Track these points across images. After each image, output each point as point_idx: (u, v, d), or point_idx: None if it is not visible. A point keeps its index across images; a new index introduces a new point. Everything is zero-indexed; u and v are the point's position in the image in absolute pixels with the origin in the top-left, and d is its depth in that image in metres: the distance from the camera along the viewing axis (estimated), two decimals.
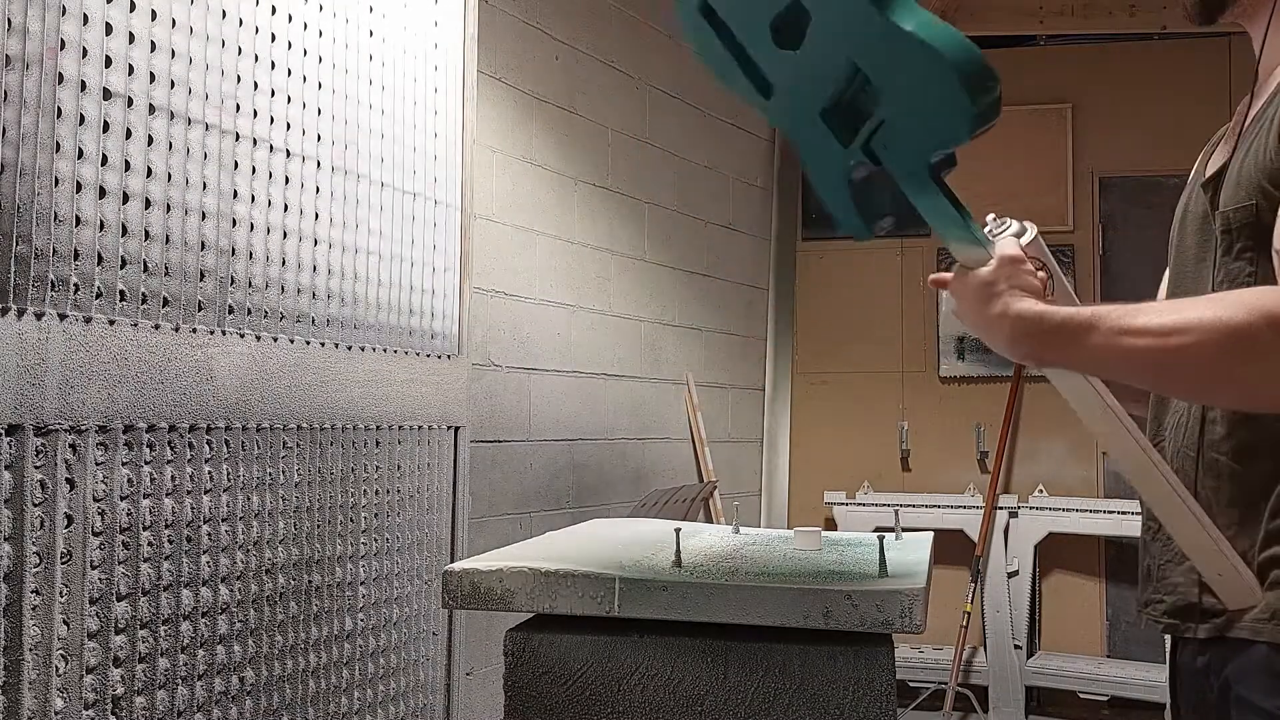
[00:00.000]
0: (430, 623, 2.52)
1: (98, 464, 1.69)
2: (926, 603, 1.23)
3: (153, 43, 1.81)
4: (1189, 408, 1.25)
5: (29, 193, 1.59)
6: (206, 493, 1.89)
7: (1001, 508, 4.56)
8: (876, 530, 1.89)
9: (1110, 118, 4.74)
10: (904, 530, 1.64)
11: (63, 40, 1.65)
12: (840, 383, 4.99)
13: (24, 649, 1.57)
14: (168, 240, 1.83)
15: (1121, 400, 1.24)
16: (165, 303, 1.83)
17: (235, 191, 1.98)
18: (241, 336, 1.97)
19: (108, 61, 1.73)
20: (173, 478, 1.82)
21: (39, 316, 1.60)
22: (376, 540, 2.33)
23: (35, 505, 1.59)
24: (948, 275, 1.20)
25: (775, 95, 1.11)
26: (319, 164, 2.19)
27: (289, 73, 2.12)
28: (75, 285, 1.66)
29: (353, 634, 2.26)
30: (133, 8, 1.77)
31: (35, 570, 1.59)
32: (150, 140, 1.80)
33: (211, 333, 1.91)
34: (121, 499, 1.73)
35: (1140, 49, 4.78)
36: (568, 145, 3.59)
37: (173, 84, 1.85)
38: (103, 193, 1.72)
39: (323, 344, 2.17)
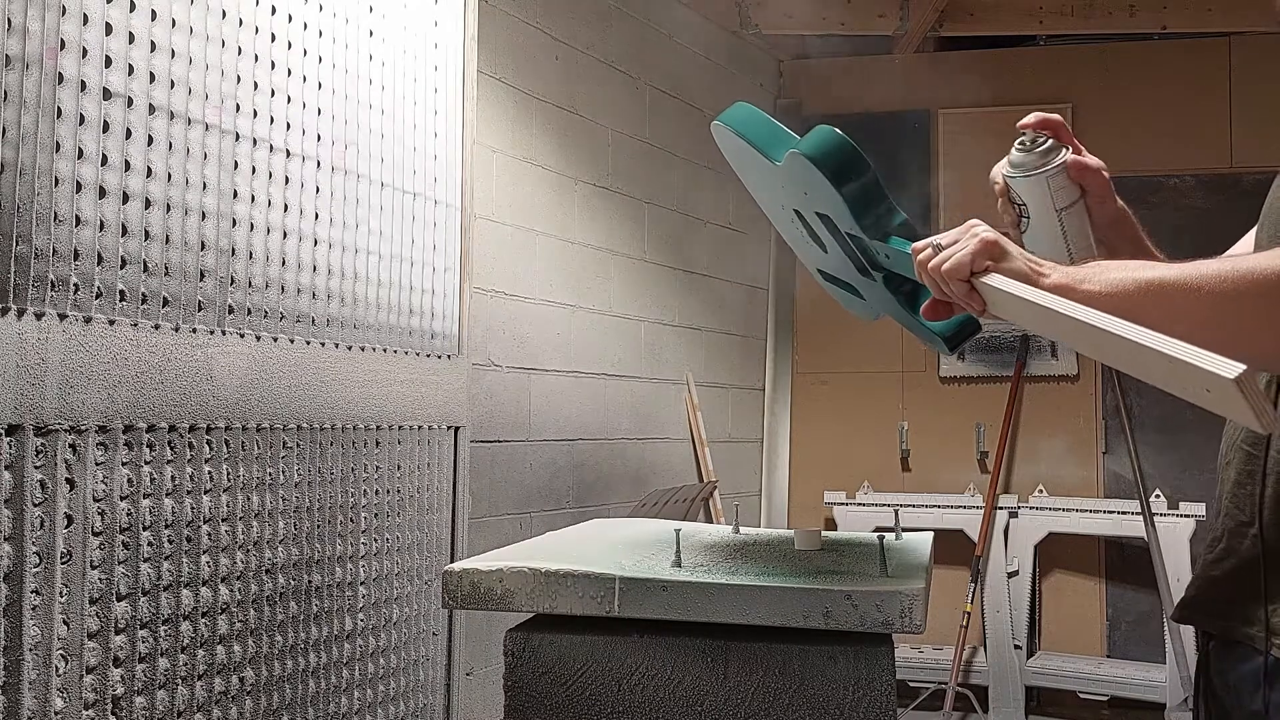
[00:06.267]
0: (430, 623, 2.52)
1: (98, 464, 1.69)
2: (926, 603, 1.23)
3: (153, 43, 1.81)
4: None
5: (29, 193, 1.59)
6: (206, 493, 1.89)
7: (1001, 508, 4.56)
8: (876, 530, 1.89)
9: (1110, 118, 4.74)
10: (904, 530, 1.64)
11: (63, 40, 1.65)
12: (840, 383, 4.99)
13: (24, 649, 1.57)
14: (168, 240, 1.83)
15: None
16: (165, 303, 1.83)
17: (235, 191, 1.98)
18: (241, 336, 1.97)
19: (108, 61, 1.73)
20: (173, 478, 1.82)
21: (39, 316, 1.60)
22: (376, 540, 2.33)
23: (35, 505, 1.59)
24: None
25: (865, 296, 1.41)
26: (319, 164, 2.19)
27: (289, 73, 2.12)
28: (75, 285, 1.66)
29: (353, 634, 2.26)
30: (133, 8, 1.77)
31: (35, 570, 1.59)
32: (150, 140, 1.80)
33: (211, 333, 1.91)
34: (121, 499, 1.73)
35: (1140, 49, 4.78)
36: (568, 145, 3.59)
37: (173, 84, 1.85)
38: (103, 193, 1.72)
39: (323, 344, 2.17)
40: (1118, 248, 1.28)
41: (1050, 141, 1.23)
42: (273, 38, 2.08)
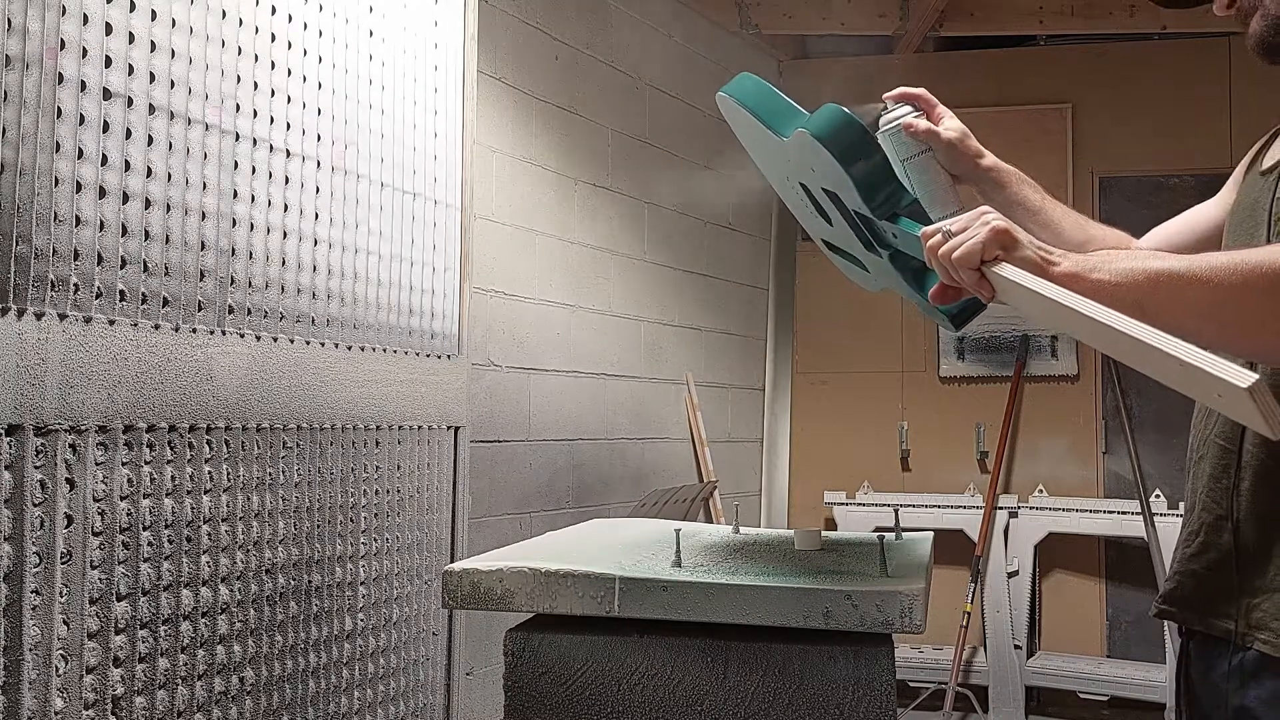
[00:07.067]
0: (430, 623, 2.52)
1: (98, 464, 1.69)
2: (926, 603, 1.23)
3: (153, 43, 1.81)
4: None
5: (29, 193, 1.59)
6: (206, 493, 1.89)
7: (1001, 508, 4.56)
8: (876, 530, 1.89)
9: (1110, 118, 4.74)
10: (904, 530, 1.64)
11: (63, 40, 1.65)
12: (840, 383, 4.99)
13: (24, 649, 1.57)
14: (168, 240, 1.83)
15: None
16: (165, 303, 1.83)
17: (235, 191, 1.98)
18: (241, 336, 1.97)
19: (108, 61, 1.72)
20: (173, 478, 1.82)
21: (39, 316, 1.60)
22: (376, 540, 2.33)
23: (35, 505, 1.59)
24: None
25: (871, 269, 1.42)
26: (319, 164, 2.19)
27: (289, 73, 2.12)
28: (75, 285, 1.66)
29: (353, 634, 2.26)
30: (133, 8, 1.77)
31: (35, 570, 1.59)
32: (150, 140, 1.80)
33: (211, 333, 1.91)
34: (121, 499, 1.73)
35: (1140, 49, 4.78)
36: (568, 145, 3.59)
37: (173, 84, 1.85)
38: (103, 193, 1.72)
39: (323, 344, 2.17)
40: (994, 198, 1.42)
41: (901, 109, 1.43)
42: (273, 38, 2.08)
